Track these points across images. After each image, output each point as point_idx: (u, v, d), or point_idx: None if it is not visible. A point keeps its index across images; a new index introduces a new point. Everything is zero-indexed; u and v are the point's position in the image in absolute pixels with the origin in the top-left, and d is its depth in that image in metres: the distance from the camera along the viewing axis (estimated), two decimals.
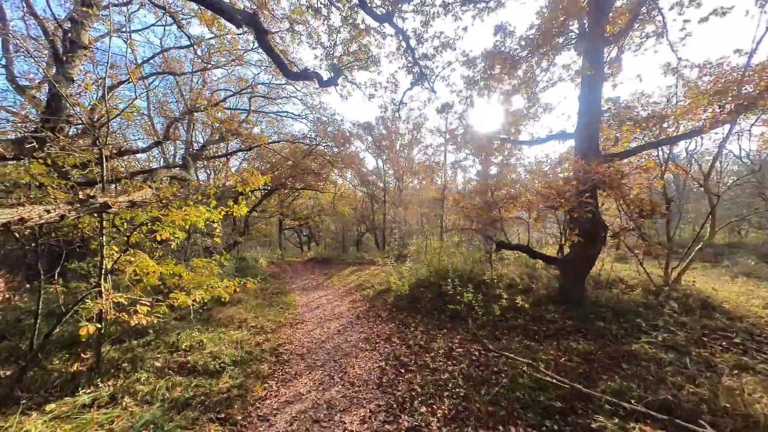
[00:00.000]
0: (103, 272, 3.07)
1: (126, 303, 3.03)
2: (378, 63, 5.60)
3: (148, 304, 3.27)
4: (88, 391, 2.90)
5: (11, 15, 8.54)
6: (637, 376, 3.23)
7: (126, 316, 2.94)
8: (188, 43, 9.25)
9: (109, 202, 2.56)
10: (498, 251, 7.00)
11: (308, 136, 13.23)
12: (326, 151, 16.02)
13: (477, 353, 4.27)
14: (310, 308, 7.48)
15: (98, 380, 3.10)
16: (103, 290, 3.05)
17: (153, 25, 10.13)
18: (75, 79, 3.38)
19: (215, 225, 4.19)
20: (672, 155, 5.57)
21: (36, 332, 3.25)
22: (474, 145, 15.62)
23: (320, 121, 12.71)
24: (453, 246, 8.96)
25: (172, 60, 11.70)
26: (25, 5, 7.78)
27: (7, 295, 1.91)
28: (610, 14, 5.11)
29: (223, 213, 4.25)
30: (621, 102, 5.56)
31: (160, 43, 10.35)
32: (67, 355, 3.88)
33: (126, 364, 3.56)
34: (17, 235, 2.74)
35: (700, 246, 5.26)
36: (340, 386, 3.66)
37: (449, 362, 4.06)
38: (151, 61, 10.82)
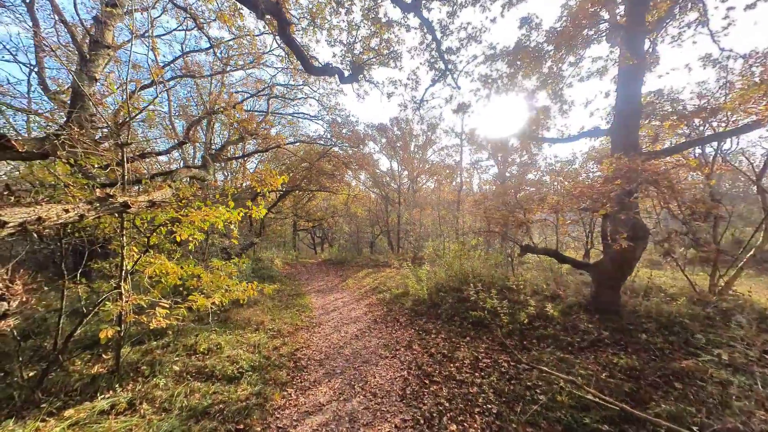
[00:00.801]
0: (123, 273, 3.01)
1: (145, 305, 2.95)
2: (399, 58, 5.40)
3: (167, 306, 3.19)
4: (107, 395, 2.83)
5: (44, 25, 8.93)
6: (695, 398, 2.89)
7: (145, 318, 2.87)
8: (208, 45, 9.40)
9: (129, 202, 2.49)
10: (523, 255, 6.66)
11: (323, 136, 13.21)
12: (340, 152, 16.00)
13: (506, 365, 3.99)
14: (326, 311, 7.35)
15: (117, 384, 3.04)
16: (123, 291, 2.99)
17: (175, 29, 10.37)
18: (98, 78, 3.37)
19: (232, 226, 4.10)
20: (719, 152, 5.09)
21: (59, 333, 3.23)
22: (492, 145, 15.22)
23: (336, 123, 12.67)
24: (471, 249, 8.65)
25: (193, 64, 11.97)
26: (55, 14, 8.11)
27: (23, 299, 1.84)
28: (650, 1, 4.74)
29: (241, 214, 4.16)
30: (664, 94, 5.15)
31: (182, 47, 10.56)
32: (89, 356, 3.87)
33: (145, 367, 3.50)
34: (36, 235, 2.70)
35: (752, 252, 4.78)
36: (361, 397, 3.47)
37: (476, 374, 3.80)
38: (173, 65, 11.10)
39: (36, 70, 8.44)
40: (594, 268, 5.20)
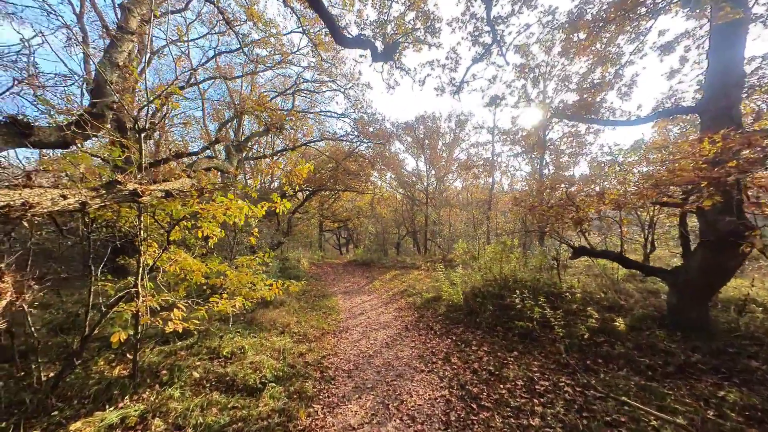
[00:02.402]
0: (141, 271, 2.77)
1: (159, 307, 2.68)
2: (437, 34, 4.86)
3: (184, 308, 2.91)
4: (120, 405, 2.58)
5: (92, 35, 9.45)
6: None
7: (160, 321, 2.59)
8: (238, 46, 9.50)
9: (139, 190, 2.21)
10: (575, 258, 5.82)
11: (350, 133, 12.96)
12: (366, 153, 15.75)
13: (570, 390, 3.31)
14: (353, 314, 6.95)
15: (132, 391, 2.79)
16: (140, 290, 2.74)
17: (208, 33, 10.66)
18: (121, 64, 3.21)
19: (254, 222, 3.80)
20: None
21: (86, 331, 3.07)
22: (527, 141, 14.14)
23: (362, 120, 12.37)
24: (508, 250, 7.85)
25: (225, 66, 12.30)
26: (100, 21, 8.51)
27: (12, 298, 1.60)
28: None
29: (265, 208, 3.85)
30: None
31: (214, 51, 10.79)
32: (114, 355, 3.73)
33: (165, 372, 3.26)
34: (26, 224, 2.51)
35: None
36: (397, 420, 2.98)
37: (535, 400, 3.16)
38: (206, 68, 11.43)
39: (84, 77, 8.94)
40: (674, 276, 4.32)
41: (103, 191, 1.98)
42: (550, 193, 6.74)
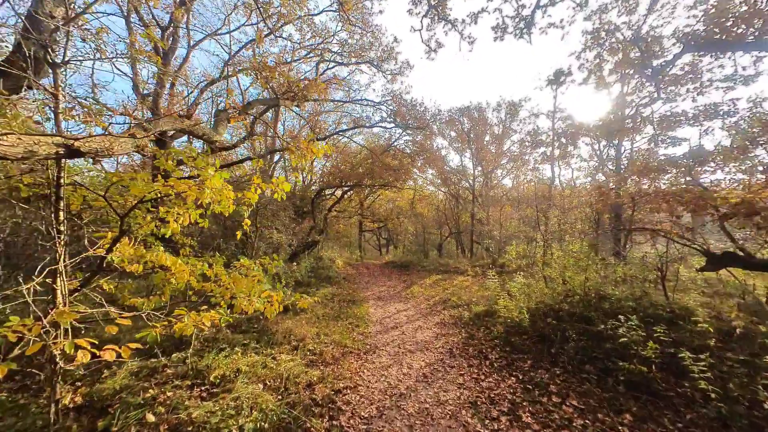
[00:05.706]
0: (60, 268, 1.91)
1: (73, 324, 1.76)
2: None
3: (129, 322, 1.98)
4: None
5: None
6: None
7: (67, 348, 1.67)
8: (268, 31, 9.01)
9: None
10: (714, 269, 3.89)
11: (385, 119, 11.86)
12: (405, 149, 14.55)
13: None
14: (385, 327, 5.76)
15: None
16: (58, 298, 1.87)
17: (243, 24, 10.46)
18: None
19: (245, 213, 2.82)
20: None
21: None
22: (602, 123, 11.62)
23: (400, 104, 11.18)
24: (595, 255, 5.94)
25: (260, 56, 12.14)
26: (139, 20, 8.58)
27: None
28: None
29: (259, 192, 2.86)
30: None
31: (256, 31, 10.53)
32: (80, 378, 3.05)
33: (116, 407, 2.39)
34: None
35: None
36: None
37: None
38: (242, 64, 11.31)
39: (131, 77, 9.17)
40: None
41: None
42: (656, 177, 4.85)
